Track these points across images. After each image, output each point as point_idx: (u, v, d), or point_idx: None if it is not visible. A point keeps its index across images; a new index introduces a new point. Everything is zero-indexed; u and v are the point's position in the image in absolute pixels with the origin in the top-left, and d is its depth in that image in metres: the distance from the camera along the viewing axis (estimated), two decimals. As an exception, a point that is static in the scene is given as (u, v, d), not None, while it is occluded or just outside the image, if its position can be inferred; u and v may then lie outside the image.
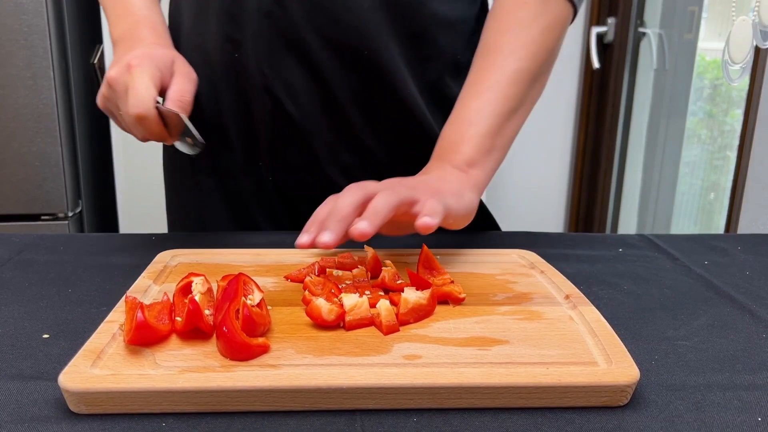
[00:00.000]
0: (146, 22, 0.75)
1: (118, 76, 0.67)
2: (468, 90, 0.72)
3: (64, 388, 0.44)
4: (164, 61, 0.69)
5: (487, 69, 0.71)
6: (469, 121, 0.69)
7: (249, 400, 0.45)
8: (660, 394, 0.48)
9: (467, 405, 0.46)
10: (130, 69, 0.66)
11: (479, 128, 0.69)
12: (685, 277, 0.71)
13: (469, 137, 0.69)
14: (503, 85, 0.70)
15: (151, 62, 0.67)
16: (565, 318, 0.56)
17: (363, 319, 0.53)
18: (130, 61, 0.66)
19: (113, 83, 0.67)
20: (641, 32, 2.24)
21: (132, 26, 0.75)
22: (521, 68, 0.71)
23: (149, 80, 0.66)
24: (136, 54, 0.68)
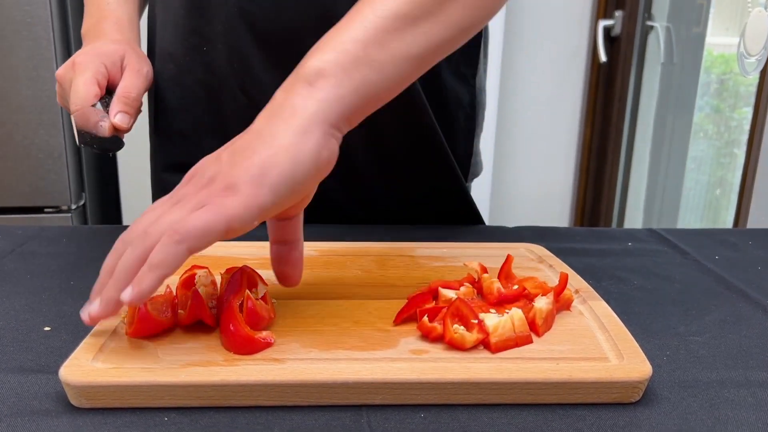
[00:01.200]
0: (111, 17, 0.75)
1: (65, 73, 0.67)
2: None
3: (65, 382, 0.43)
4: (111, 58, 0.69)
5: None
6: (346, 25, 0.49)
7: (253, 394, 0.44)
8: (672, 390, 0.47)
9: (475, 401, 0.45)
10: (74, 66, 0.67)
11: (352, 32, 0.48)
12: (696, 271, 0.70)
13: (335, 43, 0.48)
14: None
15: (96, 59, 0.67)
16: (575, 313, 0.55)
17: (509, 340, 0.48)
18: (75, 59, 0.67)
19: (61, 80, 0.68)
20: (649, 25, 2.22)
21: (97, 21, 0.75)
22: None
23: (90, 78, 0.66)
24: (83, 50, 0.68)
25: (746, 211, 1.52)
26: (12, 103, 1.56)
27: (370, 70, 0.47)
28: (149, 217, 0.45)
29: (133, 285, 0.43)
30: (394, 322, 0.52)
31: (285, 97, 0.47)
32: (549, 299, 0.52)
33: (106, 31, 0.73)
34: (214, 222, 0.43)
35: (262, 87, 0.76)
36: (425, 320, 0.49)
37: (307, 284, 0.58)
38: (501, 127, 2.32)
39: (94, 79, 0.66)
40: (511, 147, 2.38)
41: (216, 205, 0.43)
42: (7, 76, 1.54)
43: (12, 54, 1.53)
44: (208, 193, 0.44)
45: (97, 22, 0.75)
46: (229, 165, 0.45)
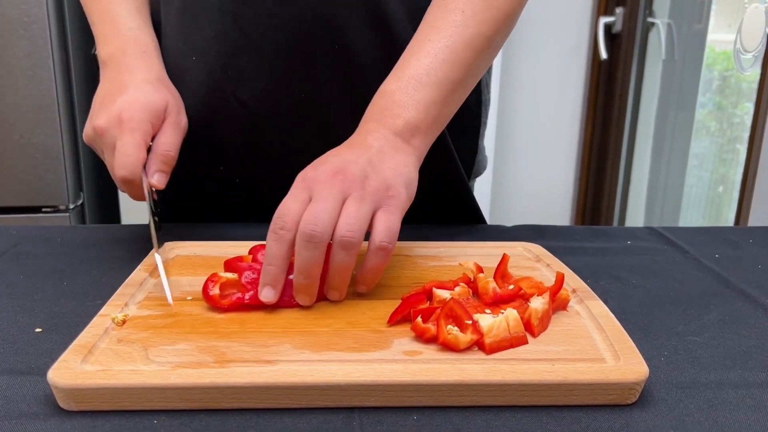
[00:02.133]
0: (136, 45, 0.71)
1: (108, 128, 0.63)
2: (420, 45, 0.64)
3: (53, 384, 0.43)
4: (157, 113, 0.65)
5: (444, 27, 0.64)
6: (419, 81, 0.62)
7: (243, 397, 0.43)
8: (670, 391, 0.47)
9: (469, 403, 0.44)
10: (121, 124, 0.62)
11: (428, 92, 0.62)
12: (696, 270, 0.69)
13: (417, 101, 0.61)
14: (459, 48, 0.63)
15: (143, 115, 0.63)
16: (572, 313, 0.54)
17: (503, 341, 0.47)
18: (122, 114, 0.63)
19: (102, 133, 0.63)
20: (650, 22, 2.21)
21: (121, 50, 0.70)
22: (480, 33, 0.64)
23: (140, 139, 0.62)
24: (128, 102, 0.64)
25: (747, 209, 1.51)
26: (9, 103, 1.55)
27: (441, 125, 0.65)
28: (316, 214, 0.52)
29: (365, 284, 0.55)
30: (388, 323, 0.51)
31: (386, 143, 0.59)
32: (545, 299, 0.51)
33: (134, 67, 0.69)
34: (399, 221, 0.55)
35: (255, 93, 0.74)
36: (419, 321, 0.49)
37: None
38: (501, 124, 2.31)
39: (143, 143, 0.63)
40: (511, 145, 2.37)
41: (393, 206, 0.55)
42: (3, 75, 1.54)
43: (9, 53, 1.52)
44: (374, 194, 0.54)
45: (120, 51, 0.70)
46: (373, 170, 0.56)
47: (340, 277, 0.54)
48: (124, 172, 0.61)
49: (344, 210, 0.53)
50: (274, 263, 0.53)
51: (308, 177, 0.56)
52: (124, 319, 0.51)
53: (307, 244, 0.52)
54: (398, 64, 0.65)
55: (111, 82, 0.67)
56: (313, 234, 0.51)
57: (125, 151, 0.61)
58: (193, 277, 0.61)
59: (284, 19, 0.71)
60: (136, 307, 0.54)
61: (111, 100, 0.65)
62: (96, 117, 0.65)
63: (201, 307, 0.54)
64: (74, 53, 1.65)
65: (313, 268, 0.52)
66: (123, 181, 0.62)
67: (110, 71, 0.70)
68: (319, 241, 0.52)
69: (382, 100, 0.63)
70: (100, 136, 0.64)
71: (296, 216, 0.53)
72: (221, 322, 0.52)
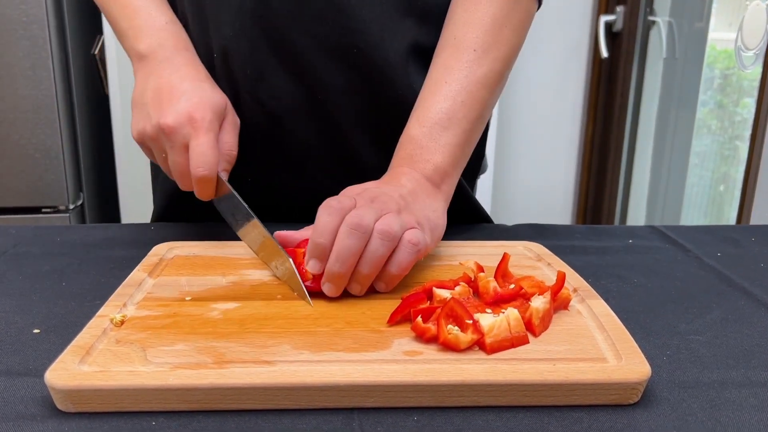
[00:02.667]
0: (176, 40, 0.70)
1: (179, 127, 0.62)
2: (437, 87, 0.67)
3: (51, 386, 0.42)
4: (221, 114, 0.65)
5: (458, 67, 0.67)
6: (442, 126, 0.65)
7: (242, 398, 0.43)
8: (672, 391, 0.46)
9: (470, 403, 0.44)
10: (193, 123, 0.62)
11: (452, 136, 0.65)
12: (697, 269, 0.69)
13: (443, 145, 0.65)
14: (474, 88, 0.66)
15: (212, 115, 0.63)
16: (573, 312, 0.54)
17: (504, 340, 0.47)
18: (192, 113, 0.62)
19: (171, 132, 0.62)
20: (651, 20, 2.20)
21: (161, 44, 0.69)
22: (493, 71, 0.67)
23: (215, 139, 0.62)
24: (194, 102, 0.63)
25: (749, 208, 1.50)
26: (9, 103, 1.55)
27: (464, 164, 0.69)
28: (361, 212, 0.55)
29: (387, 283, 0.57)
30: (388, 323, 0.51)
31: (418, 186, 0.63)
32: (546, 298, 0.51)
33: (180, 63, 0.68)
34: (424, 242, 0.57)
35: (273, 92, 0.74)
36: (419, 321, 0.48)
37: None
38: (502, 123, 2.31)
39: (217, 142, 0.63)
40: (512, 144, 2.37)
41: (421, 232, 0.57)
42: (3, 75, 1.54)
43: (8, 53, 1.52)
44: (407, 223, 0.57)
45: (161, 46, 0.69)
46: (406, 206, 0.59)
47: (370, 266, 0.55)
48: (204, 171, 0.61)
49: (383, 217, 0.56)
50: (324, 237, 0.55)
51: (351, 193, 0.59)
52: (123, 320, 0.51)
53: (351, 232, 0.53)
54: (418, 108, 0.67)
55: (159, 78, 0.66)
56: (359, 224, 0.54)
57: (202, 150, 0.61)
58: (192, 277, 0.60)
59: (305, 19, 0.70)
60: (134, 307, 0.54)
61: (170, 98, 0.64)
62: (158, 115, 0.63)
63: (200, 308, 0.54)
64: (74, 53, 1.65)
65: (350, 257, 0.54)
66: (201, 180, 0.62)
67: (154, 66, 0.68)
68: (363, 232, 0.54)
69: (409, 146, 0.66)
70: (168, 135, 0.62)
71: (348, 201, 0.56)
72: (220, 322, 0.51)
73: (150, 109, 0.64)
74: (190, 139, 0.62)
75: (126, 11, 0.71)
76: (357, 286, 0.56)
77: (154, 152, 0.66)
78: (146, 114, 0.65)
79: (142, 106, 0.65)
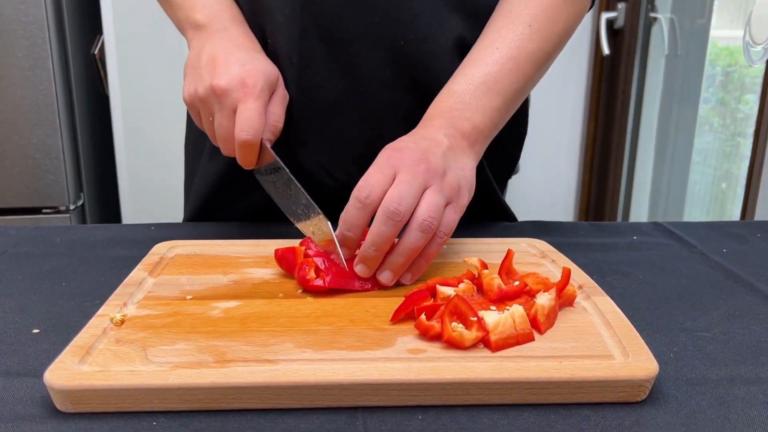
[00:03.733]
0: (231, 13, 0.71)
1: (230, 89, 0.62)
2: (488, 51, 0.67)
3: (50, 386, 0.42)
4: (272, 83, 0.66)
5: (511, 37, 0.67)
6: (487, 87, 0.65)
7: (244, 397, 0.42)
8: (680, 388, 0.46)
9: (475, 401, 0.43)
10: (244, 88, 0.62)
11: (495, 100, 0.65)
12: (703, 265, 0.68)
13: (484, 107, 0.65)
14: (524, 60, 0.67)
15: (264, 83, 0.64)
16: (579, 309, 0.53)
17: (509, 338, 0.47)
18: (245, 79, 0.62)
19: (222, 94, 0.62)
20: (652, 17, 2.20)
21: (218, 16, 0.70)
22: (543, 49, 0.68)
23: (263, 107, 0.63)
24: (248, 69, 0.63)
25: (753, 203, 1.49)
26: (8, 103, 1.55)
27: (500, 127, 0.68)
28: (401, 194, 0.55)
29: (414, 273, 0.58)
30: (392, 321, 0.50)
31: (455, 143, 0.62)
32: (551, 295, 0.50)
33: (236, 34, 0.69)
34: (458, 220, 0.58)
35: (319, 81, 0.73)
36: (423, 318, 0.48)
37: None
38: (504, 122, 2.29)
39: (264, 110, 0.63)
40: (514, 142, 2.36)
41: (459, 206, 0.59)
42: (2, 75, 1.53)
43: (7, 53, 1.52)
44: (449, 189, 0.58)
45: (218, 18, 0.70)
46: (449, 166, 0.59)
47: (406, 257, 0.56)
48: (248, 135, 0.61)
49: (426, 197, 0.56)
50: (353, 231, 0.56)
51: (393, 157, 0.58)
52: (123, 319, 0.50)
53: (387, 220, 0.54)
54: (465, 66, 0.67)
55: (215, 46, 0.66)
56: (396, 211, 0.54)
57: (250, 115, 0.62)
58: (192, 275, 0.60)
59: (355, 8, 0.70)
60: (135, 306, 0.53)
61: (225, 63, 0.64)
62: (210, 77, 0.64)
63: (201, 306, 0.53)
64: (73, 53, 1.64)
65: (385, 243, 0.55)
66: (244, 144, 0.62)
67: (211, 34, 0.69)
68: (399, 220, 0.54)
69: (450, 99, 0.65)
70: (219, 97, 0.63)
71: (381, 190, 0.55)
72: (221, 321, 0.51)
73: (203, 72, 0.65)
74: (238, 103, 0.62)
75: None
76: (390, 274, 0.57)
77: (202, 115, 0.67)
78: (199, 76, 0.65)
79: (196, 69, 0.66)
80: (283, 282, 0.59)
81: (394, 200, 0.54)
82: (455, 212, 0.58)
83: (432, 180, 0.57)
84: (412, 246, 0.56)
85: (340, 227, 0.57)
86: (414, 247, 0.56)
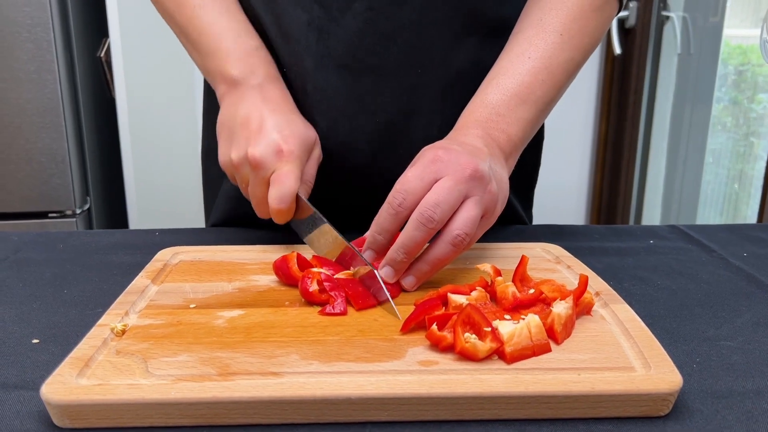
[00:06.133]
0: (267, 68, 0.69)
1: (266, 160, 0.61)
2: (520, 60, 0.65)
3: (47, 400, 0.40)
4: (309, 146, 0.65)
5: (543, 47, 0.66)
6: (521, 98, 0.64)
7: (248, 412, 0.41)
8: (705, 402, 0.43)
9: (490, 416, 0.41)
10: (280, 155, 0.61)
11: (528, 111, 0.64)
12: (723, 270, 0.66)
13: (519, 119, 0.64)
14: (556, 70, 0.66)
15: (301, 150, 0.63)
16: (597, 317, 0.51)
17: (525, 349, 0.45)
18: (281, 144, 0.62)
19: (257, 166, 0.61)
20: (665, 16, 2.17)
21: (253, 72, 0.68)
22: (574, 59, 0.67)
23: (299, 174, 0.62)
24: (285, 135, 0.62)
25: (770, 205, 1.46)
26: (14, 107, 1.54)
27: (531, 138, 0.67)
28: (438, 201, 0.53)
29: (419, 279, 0.56)
30: (402, 331, 0.48)
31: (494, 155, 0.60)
32: (568, 303, 0.48)
33: (272, 93, 0.67)
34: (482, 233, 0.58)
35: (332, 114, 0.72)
36: (434, 328, 0.46)
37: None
38: (513, 123, 2.27)
39: (300, 175, 0.63)
40: (524, 143, 2.33)
41: (490, 219, 0.58)
42: (8, 78, 1.52)
43: (12, 56, 1.51)
44: (488, 201, 0.56)
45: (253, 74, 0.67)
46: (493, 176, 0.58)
47: (432, 266, 0.55)
48: (283, 205, 0.61)
49: (464, 208, 0.54)
50: (384, 235, 0.55)
51: (439, 158, 0.55)
52: (124, 329, 0.49)
53: (420, 225, 0.53)
54: (497, 75, 0.65)
55: (250, 106, 0.65)
56: (430, 218, 0.53)
57: (285, 183, 0.61)
58: (196, 283, 0.58)
59: (371, 42, 0.69)
60: (136, 315, 0.52)
61: (260, 129, 0.63)
62: (246, 143, 0.63)
63: (204, 316, 0.51)
64: (79, 56, 1.63)
65: (416, 248, 0.54)
66: (278, 212, 0.62)
67: (245, 92, 0.67)
68: (433, 227, 0.53)
69: (485, 109, 0.64)
70: (254, 167, 0.62)
71: (418, 196, 0.54)
72: (225, 331, 0.49)
73: (238, 136, 0.64)
74: (275, 170, 0.62)
75: (212, 30, 0.69)
76: (413, 280, 0.56)
77: (237, 179, 0.66)
78: (234, 140, 0.64)
79: (231, 133, 0.65)
80: (289, 289, 0.57)
81: (429, 206, 0.53)
82: (484, 228, 0.57)
83: (475, 189, 0.55)
84: (441, 257, 0.55)
85: (372, 229, 0.56)
86: (443, 258, 0.54)
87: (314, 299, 0.53)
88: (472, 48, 0.72)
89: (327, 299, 0.53)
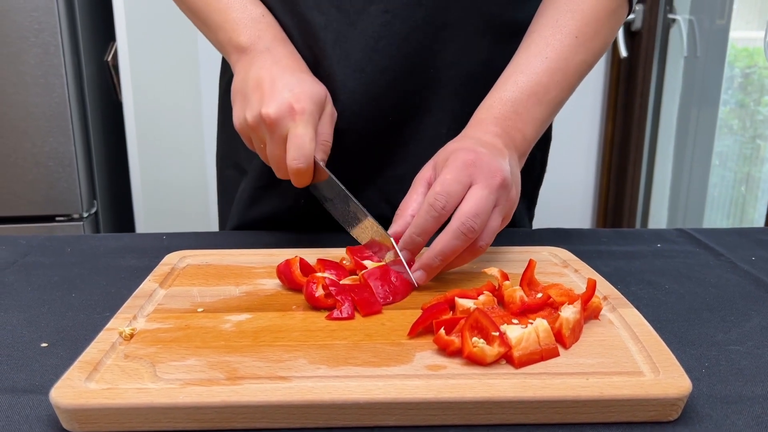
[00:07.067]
0: (274, 32, 0.70)
1: (279, 118, 0.61)
2: (537, 60, 0.66)
3: (56, 404, 0.40)
4: (321, 103, 0.65)
5: (559, 48, 0.66)
6: (538, 98, 0.65)
7: (256, 416, 0.41)
8: (714, 407, 0.43)
9: (498, 421, 0.41)
10: (293, 114, 0.62)
11: (542, 112, 0.65)
12: (731, 274, 0.66)
13: (534, 119, 0.65)
14: (571, 72, 0.66)
15: (313, 106, 0.63)
16: (604, 322, 0.51)
17: (533, 353, 0.45)
18: (292, 103, 0.62)
19: (272, 124, 0.62)
20: (671, 18, 2.16)
21: (260, 37, 0.69)
22: (587, 62, 0.68)
23: (314, 131, 0.63)
24: (296, 93, 0.63)
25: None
26: (21, 111, 1.54)
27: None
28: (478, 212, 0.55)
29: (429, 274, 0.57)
30: (409, 335, 0.48)
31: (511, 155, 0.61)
32: (576, 308, 0.48)
33: (281, 55, 0.68)
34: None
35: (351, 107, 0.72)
36: (442, 333, 0.46)
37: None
38: (519, 125, 2.26)
39: (315, 133, 0.63)
40: (529, 146, 2.33)
41: (504, 223, 0.59)
42: (15, 82, 1.53)
43: (20, 61, 1.51)
44: (508, 207, 0.59)
45: (260, 39, 0.69)
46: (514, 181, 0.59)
47: (444, 263, 0.56)
48: (300, 164, 0.61)
49: (492, 219, 0.57)
50: (423, 236, 0.57)
51: (470, 164, 0.57)
52: (132, 333, 0.49)
53: (461, 235, 0.55)
54: (514, 73, 0.66)
55: (261, 69, 0.65)
56: (473, 229, 0.55)
57: (300, 142, 0.61)
58: (204, 287, 0.58)
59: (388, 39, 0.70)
60: (144, 319, 0.52)
61: (272, 89, 0.63)
62: (259, 104, 0.63)
63: (212, 320, 0.52)
64: (86, 60, 1.64)
65: (452, 255, 0.56)
66: (297, 172, 0.62)
67: (255, 57, 0.68)
68: (472, 237, 0.55)
69: (502, 107, 0.64)
70: (269, 126, 0.62)
71: (458, 199, 0.56)
72: (233, 335, 0.49)
73: (251, 98, 0.64)
74: (289, 130, 0.62)
75: (219, 5, 0.71)
76: (424, 275, 0.57)
77: (254, 141, 0.67)
78: (247, 102, 0.65)
79: (244, 96, 0.65)
80: (295, 293, 0.57)
81: (471, 217, 0.54)
82: (497, 230, 0.59)
83: (501, 198, 0.57)
84: (460, 264, 0.58)
85: (411, 230, 0.57)
86: (461, 264, 0.58)
87: (320, 304, 0.53)
88: (484, 50, 0.73)
89: (333, 304, 0.53)
